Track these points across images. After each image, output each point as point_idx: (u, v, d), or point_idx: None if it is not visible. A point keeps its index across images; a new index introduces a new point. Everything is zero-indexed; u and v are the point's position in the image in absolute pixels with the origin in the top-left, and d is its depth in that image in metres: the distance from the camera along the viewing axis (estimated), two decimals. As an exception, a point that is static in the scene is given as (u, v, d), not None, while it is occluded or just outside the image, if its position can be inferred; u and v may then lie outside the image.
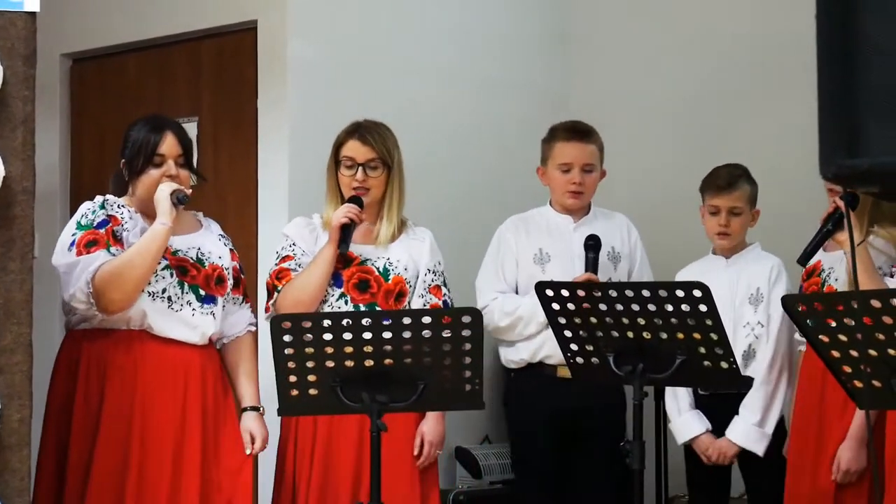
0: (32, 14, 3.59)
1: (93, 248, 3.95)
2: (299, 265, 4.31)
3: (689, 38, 6.02)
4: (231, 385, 4.23)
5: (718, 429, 4.68)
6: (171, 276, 4.06)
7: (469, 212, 5.49)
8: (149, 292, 4.00)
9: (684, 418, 4.74)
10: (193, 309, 4.08)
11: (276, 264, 4.34)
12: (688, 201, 4.96)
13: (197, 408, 4.06)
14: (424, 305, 4.36)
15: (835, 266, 4.31)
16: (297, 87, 5.11)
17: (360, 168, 4.35)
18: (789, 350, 4.61)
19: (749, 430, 4.61)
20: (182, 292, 4.07)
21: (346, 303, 4.29)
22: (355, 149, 4.37)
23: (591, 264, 4.62)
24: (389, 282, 4.34)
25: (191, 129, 5.31)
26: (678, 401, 4.76)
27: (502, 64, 5.99)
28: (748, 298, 4.68)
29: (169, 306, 4.04)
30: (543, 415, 4.75)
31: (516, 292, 4.81)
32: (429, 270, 4.42)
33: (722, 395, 4.62)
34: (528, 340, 4.76)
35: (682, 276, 4.70)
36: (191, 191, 4.10)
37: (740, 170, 4.78)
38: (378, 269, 4.34)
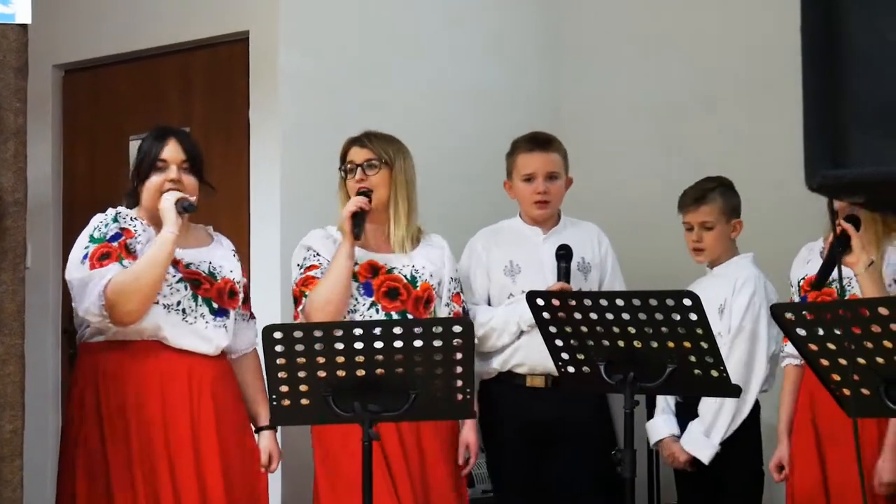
0: (24, 26, 3.60)
1: (105, 262, 3.95)
2: (323, 272, 4.33)
3: (679, 47, 6.03)
4: (244, 402, 4.27)
5: None
6: (186, 288, 4.07)
7: (461, 222, 5.49)
8: (164, 305, 4.02)
9: (655, 421, 4.77)
10: (207, 322, 4.10)
11: (301, 274, 4.35)
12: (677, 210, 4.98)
13: (210, 417, 4.08)
14: (449, 313, 4.45)
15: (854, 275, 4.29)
16: (289, 97, 5.11)
17: (359, 168, 4.39)
18: (748, 360, 4.60)
19: (696, 437, 4.63)
20: (196, 305, 4.09)
21: (377, 311, 4.32)
22: (354, 153, 4.44)
23: (564, 274, 4.63)
24: (418, 289, 4.39)
25: (183, 139, 5.32)
26: (658, 403, 4.79)
27: (494, 73, 6.00)
28: (717, 308, 4.67)
29: (183, 319, 4.05)
30: (514, 425, 4.75)
31: (489, 304, 4.82)
32: (451, 279, 4.52)
33: (695, 402, 4.64)
34: (499, 352, 4.76)
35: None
36: (195, 198, 4.11)
37: (713, 182, 4.77)
38: (406, 276, 4.39)
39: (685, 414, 4.71)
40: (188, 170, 4.13)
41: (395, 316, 4.31)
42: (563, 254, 4.66)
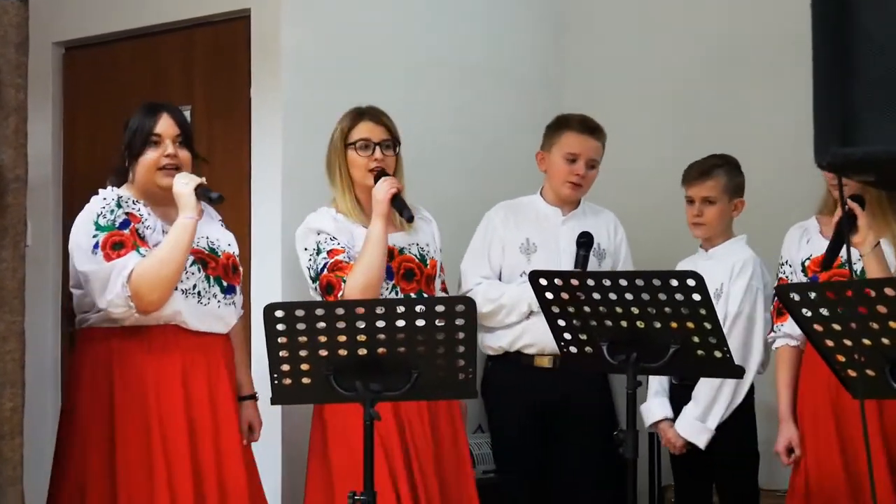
0: (25, 2, 3.58)
1: (122, 251, 3.92)
2: (349, 257, 4.30)
3: (685, 26, 6.00)
4: None
5: None
6: (199, 270, 4.06)
7: (461, 200, 5.47)
8: (181, 290, 4.00)
9: (649, 404, 4.76)
10: (219, 301, 4.11)
11: (326, 258, 4.29)
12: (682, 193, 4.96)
13: (228, 393, 4.10)
14: (438, 285, 4.49)
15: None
16: (291, 75, 5.09)
17: (377, 147, 4.37)
18: (745, 343, 4.58)
19: (691, 423, 4.62)
20: (209, 286, 4.09)
21: (397, 293, 4.34)
22: (369, 129, 4.40)
23: (581, 262, 4.64)
24: (428, 267, 4.42)
25: (184, 117, 5.30)
26: (650, 386, 4.78)
27: (498, 50, 5.98)
28: (714, 293, 4.66)
29: (199, 301, 4.05)
30: (521, 405, 4.76)
31: (500, 279, 4.82)
32: (440, 250, 4.55)
33: (690, 384, 4.62)
34: (509, 328, 4.77)
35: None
36: (203, 181, 4.08)
37: (718, 160, 4.77)
38: (416, 256, 4.40)
39: (680, 395, 4.70)
40: (182, 144, 4.11)
41: (413, 297, 4.31)
42: (585, 241, 4.67)
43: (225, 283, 4.13)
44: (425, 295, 4.33)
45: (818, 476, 4.28)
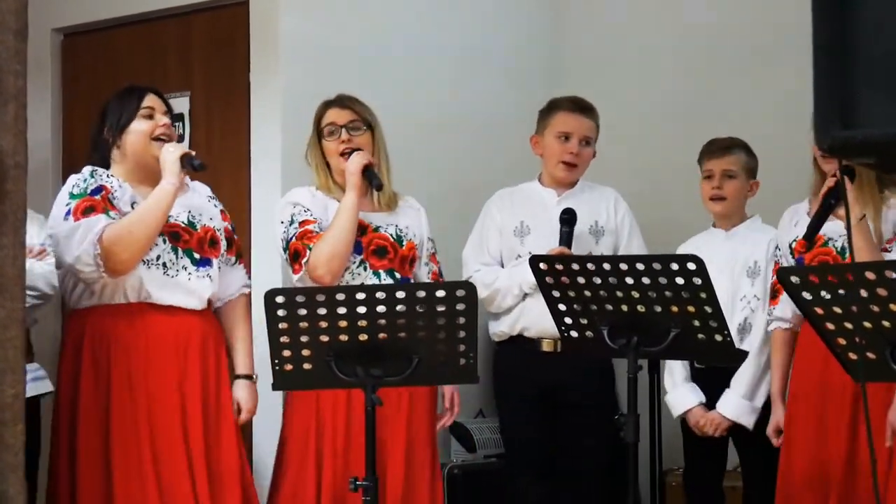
0: (23, -12, 3.57)
1: (91, 214, 3.93)
2: (320, 227, 4.30)
3: (685, 13, 5.99)
4: (227, 350, 4.24)
5: (713, 401, 4.68)
6: (164, 242, 4.05)
7: (458, 188, 5.47)
8: (144, 260, 3.99)
9: (679, 391, 4.75)
10: (189, 273, 4.08)
11: (296, 228, 4.30)
12: (686, 173, 4.96)
13: (197, 374, 4.07)
14: (428, 273, 4.48)
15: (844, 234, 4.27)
16: (289, 60, 5.09)
17: (343, 129, 4.38)
18: None
19: (739, 403, 4.61)
20: (177, 258, 4.07)
21: (365, 269, 4.31)
22: (335, 114, 4.42)
23: (565, 238, 4.63)
24: (404, 248, 4.39)
25: (183, 103, 5.30)
26: (673, 374, 4.76)
27: (496, 36, 5.97)
28: (746, 271, 4.68)
29: (165, 273, 4.04)
30: (527, 388, 4.78)
31: (501, 265, 4.84)
32: (429, 238, 4.52)
33: (718, 367, 4.61)
34: (508, 313, 4.79)
35: (682, 250, 4.71)
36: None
37: (738, 140, 4.82)
38: (392, 235, 4.37)
39: (704, 381, 4.69)
40: (171, 121, 4.14)
41: (384, 274, 4.31)
42: (567, 218, 4.66)
43: (197, 256, 4.11)
44: (398, 275, 4.32)
45: (807, 457, 4.26)
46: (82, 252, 3.90)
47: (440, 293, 3.52)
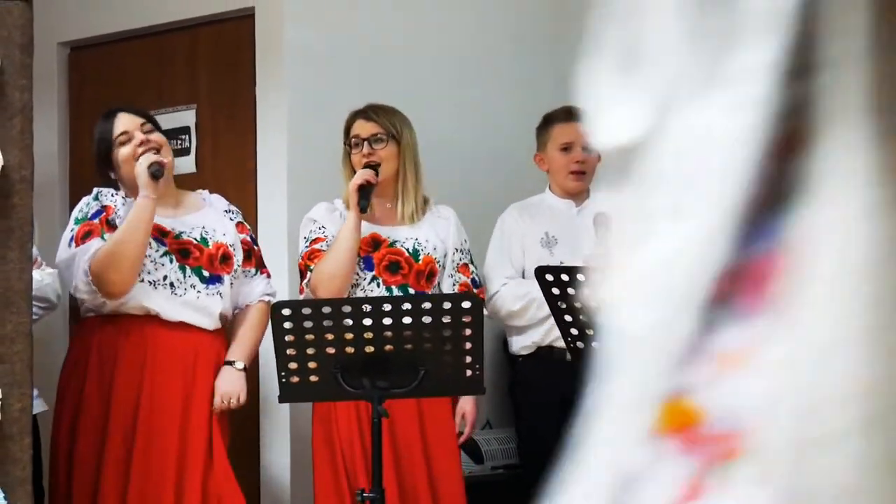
0: (29, 2, 3.58)
1: (88, 239, 3.96)
2: (329, 245, 4.31)
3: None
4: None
5: None
6: (171, 261, 4.05)
7: (470, 194, 5.47)
8: (149, 281, 4.00)
9: None
10: (198, 292, 4.08)
11: (307, 247, 4.32)
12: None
13: (205, 395, 4.06)
14: (454, 284, 4.43)
15: None
16: (295, 72, 5.10)
17: (365, 143, 4.37)
18: None
19: None
20: (184, 277, 4.07)
21: (378, 285, 4.30)
22: (360, 126, 4.42)
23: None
24: (420, 262, 4.36)
25: (189, 116, 5.31)
26: None
27: (503, 45, 5.97)
28: None
29: (172, 292, 4.04)
30: (552, 399, 4.74)
31: (523, 277, 4.81)
32: (457, 249, 4.49)
33: None
34: (540, 324, 4.75)
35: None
36: (168, 160, 4.08)
37: None
38: (408, 250, 4.36)
39: None
40: (152, 130, 4.14)
41: (396, 290, 4.29)
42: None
43: (207, 274, 4.11)
44: (411, 290, 4.31)
45: None
46: (77, 281, 3.96)
47: (446, 305, 3.53)
